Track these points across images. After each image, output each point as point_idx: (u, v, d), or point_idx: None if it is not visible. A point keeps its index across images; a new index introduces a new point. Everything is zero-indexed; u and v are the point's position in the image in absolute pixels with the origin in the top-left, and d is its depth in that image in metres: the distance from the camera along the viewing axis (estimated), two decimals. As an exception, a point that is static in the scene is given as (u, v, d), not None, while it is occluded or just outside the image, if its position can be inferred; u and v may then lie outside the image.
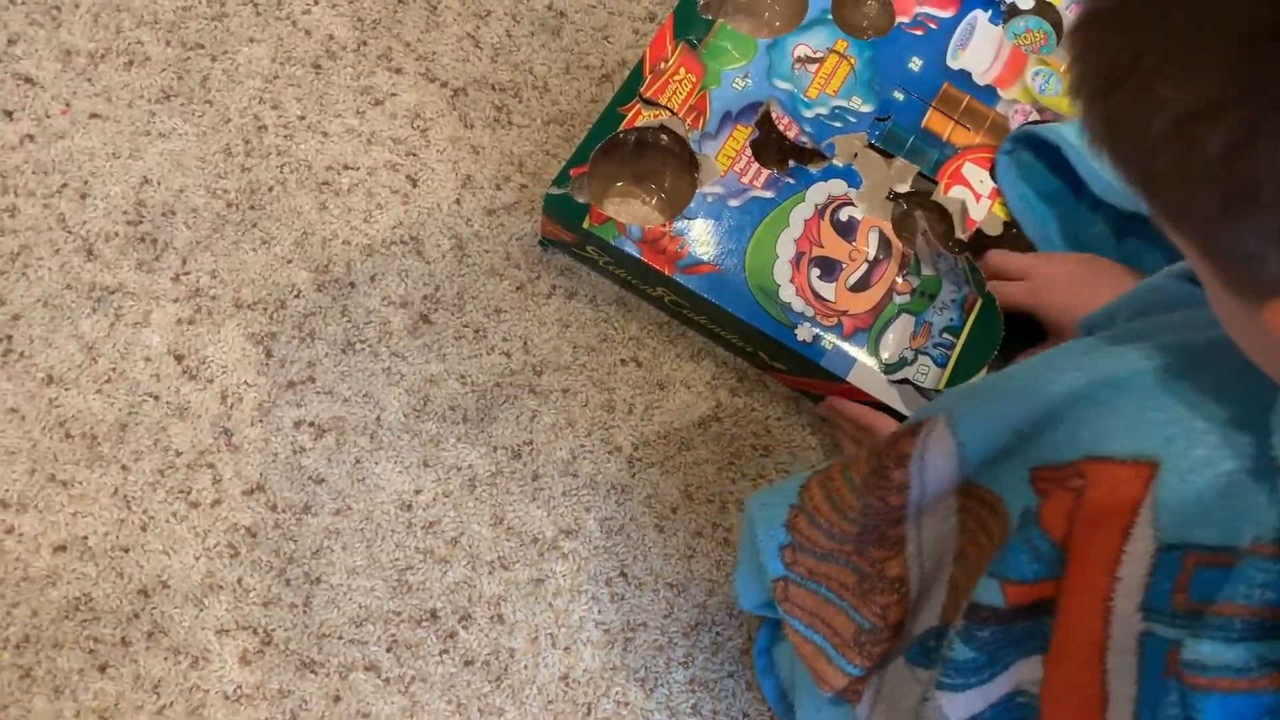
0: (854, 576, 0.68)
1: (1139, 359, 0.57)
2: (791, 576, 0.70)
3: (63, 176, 0.91)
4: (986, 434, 0.61)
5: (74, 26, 0.95)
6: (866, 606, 0.68)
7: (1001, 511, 0.61)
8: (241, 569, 0.83)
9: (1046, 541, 0.56)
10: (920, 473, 0.64)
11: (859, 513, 0.67)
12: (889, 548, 0.67)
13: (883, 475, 0.65)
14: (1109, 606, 0.54)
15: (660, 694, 0.83)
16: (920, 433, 0.64)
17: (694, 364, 0.91)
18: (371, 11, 0.99)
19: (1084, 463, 0.56)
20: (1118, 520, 0.53)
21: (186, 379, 0.87)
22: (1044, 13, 0.96)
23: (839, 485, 0.68)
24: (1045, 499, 0.57)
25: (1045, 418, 0.59)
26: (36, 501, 0.83)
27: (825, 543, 0.69)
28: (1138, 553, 0.53)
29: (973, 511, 0.64)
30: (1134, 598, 0.53)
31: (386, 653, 0.82)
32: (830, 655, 0.69)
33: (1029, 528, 0.57)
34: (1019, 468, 0.60)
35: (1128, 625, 0.53)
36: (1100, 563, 0.54)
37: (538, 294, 0.92)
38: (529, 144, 0.96)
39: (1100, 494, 0.55)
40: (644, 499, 0.88)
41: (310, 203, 0.92)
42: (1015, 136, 0.89)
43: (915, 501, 0.65)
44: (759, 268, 0.87)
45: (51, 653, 0.80)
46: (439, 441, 0.87)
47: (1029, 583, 0.57)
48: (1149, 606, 0.52)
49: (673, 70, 0.91)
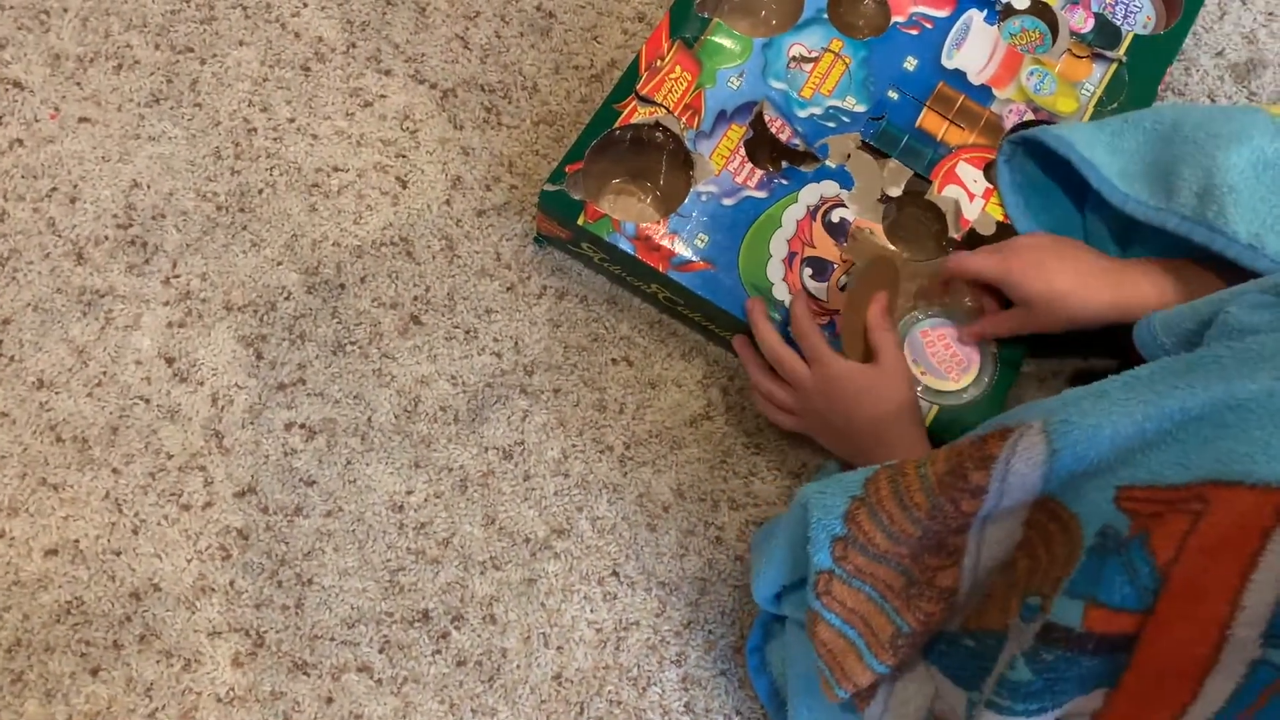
0: (902, 580, 0.66)
1: (1268, 379, 0.55)
2: (838, 572, 0.68)
3: (52, 180, 0.91)
4: (1085, 446, 0.59)
5: (62, 31, 0.95)
6: (910, 611, 0.66)
7: (1074, 529, 0.59)
8: (233, 571, 0.83)
9: (1148, 565, 0.55)
10: (1002, 478, 0.62)
11: (926, 513, 0.65)
12: (945, 556, 0.65)
13: (961, 476, 0.63)
14: (1226, 634, 0.53)
15: (653, 693, 0.83)
16: (1011, 436, 0.62)
17: (685, 363, 0.91)
18: (360, 13, 0.99)
19: (1206, 486, 0.54)
20: (1244, 547, 0.52)
21: (177, 382, 0.87)
22: (1040, 13, 0.96)
23: (910, 480, 0.66)
24: (1150, 523, 0.55)
25: (1153, 435, 0.57)
26: (27, 505, 0.83)
27: (883, 542, 0.67)
28: (1267, 581, 0.52)
29: (1040, 525, 0.62)
30: (1258, 626, 0.52)
31: (379, 654, 0.82)
32: (862, 652, 0.68)
33: (1132, 550, 0.56)
34: (1105, 486, 0.58)
35: (1242, 651, 0.52)
36: (1219, 590, 0.53)
37: (528, 294, 0.92)
38: (518, 145, 0.96)
39: (1224, 519, 0.53)
40: (636, 498, 0.88)
41: (300, 205, 0.92)
42: (1015, 140, 0.88)
43: (988, 509, 0.63)
44: (752, 266, 0.87)
45: (43, 657, 0.80)
46: (430, 442, 0.87)
47: (1114, 609, 0.56)
48: (1275, 634, 0.51)
49: (668, 68, 0.91)
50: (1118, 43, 0.95)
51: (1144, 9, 0.98)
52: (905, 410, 0.79)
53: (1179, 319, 0.70)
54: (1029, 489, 0.62)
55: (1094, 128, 0.84)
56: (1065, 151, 0.83)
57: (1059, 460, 0.60)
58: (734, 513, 0.88)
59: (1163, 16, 0.98)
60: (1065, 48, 0.95)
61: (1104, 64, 0.95)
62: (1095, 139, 0.83)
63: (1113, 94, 0.94)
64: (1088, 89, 0.94)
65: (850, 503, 0.68)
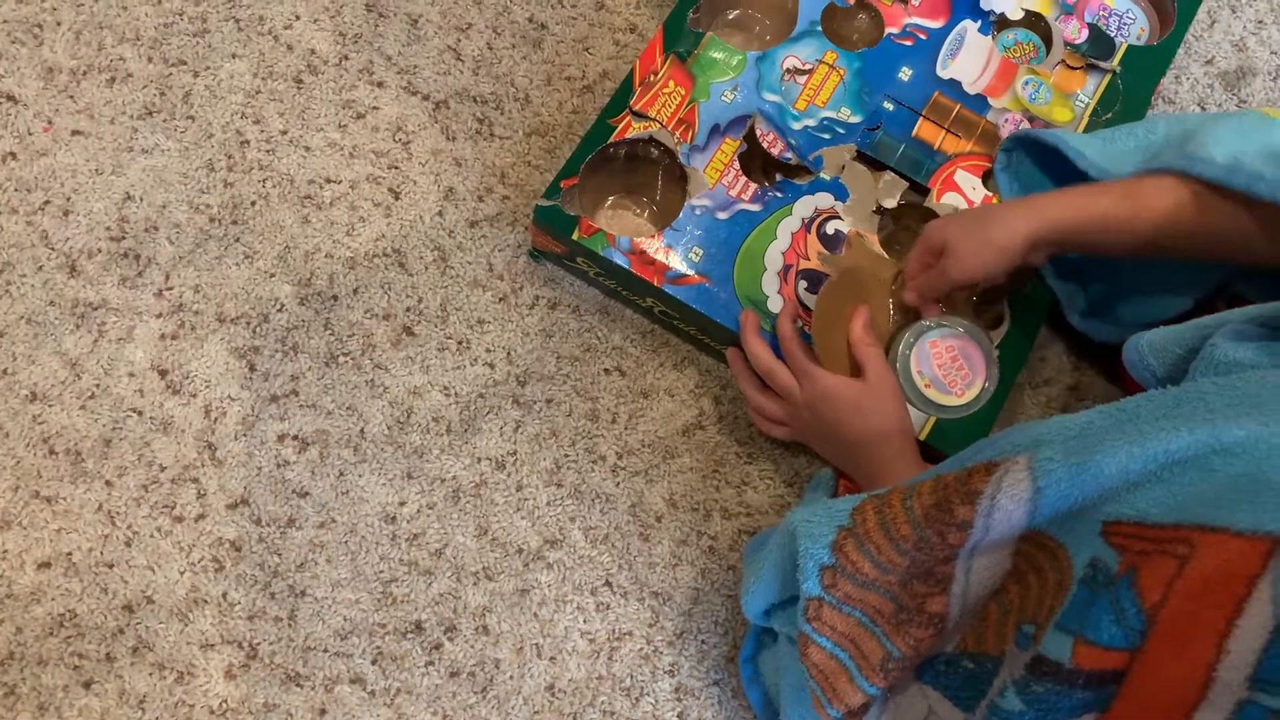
0: (892, 606, 0.67)
1: (1254, 423, 0.55)
2: (828, 599, 0.68)
3: (45, 194, 0.91)
4: (1070, 485, 0.60)
5: (56, 44, 0.96)
6: (900, 636, 0.66)
7: (1063, 559, 0.60)
8: (226, 583, 0.83)
9: (1135, 606, 0.55)
10: (987, 514, 0.62)
11: (913, 545, 0.65)
12: (934, 584, 0.66)
13: (947, 510, 0.63)
14: (1212, 676, 0.53)
15: (646, 703, 0.83)
16: (996, 472, 0.62)
17: (678, 372, 0.92)
18: (353, 26, 0.99)
19: (1193, 530, 0.55)
20: (1230, 593, 0.53)
21: (170, 394, 0.87)
22: (1033, 25, 0.97)
23: (896, 513, 0.66)
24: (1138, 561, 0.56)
25: (1138, 475, 0.58)
26: (20, 518, 0.83)
27: (871, 571, 0.67)
28: (1253, 628, 0.52)
29: (1029, 555, 0.62)
30: (1243, 670, 0.52)
31: (372, 665, 0.82)
32: (853, 674, 0.68)
33: (1120, 589, 0.56)
34: (1092, 520, 0.59)
35: (1229, 692, 0.53)
36: (1205, 635, 0.53)
37: (520, 305, 0.92)
38: (511, 156, 0.96)
39: (1210, 565, 0.54)
40: (628, 508, 0.88)
41: (293, 217, 0.93)
42: (1015, 138, 0.88)
43: (974, 543, 0.64)
44: (747, 279, 0.87)
45: (36, 670, 0.80)
46: (423, 453, 0.87)
47: (1103, 647, 0.56)
48: (1260, 678, 0.52)
49: (662, 83, 0.91)
50: (1112, 53, 0.96)
51: (1137, 20, 0.98)
52: (894, 425, 0.79)
53: (1166, 343, 0.70)
54: (1014, 525, 0.62)
55: (1089, 135, 0.85)
56: (1056, 143, 0.83)
57: (1043, 498, 0.61)
58: (727, 522, 0.88)
59: (1156, 27, 0.99)
60: (1060, 58, 0.95)
61: (1098, 74, 0.95)
62: (1089, 141, 0.83)
63: (1107, 104, 0.94)
64: (1082, 99, 0.94)
65: (837, 533, 0.68)
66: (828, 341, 0.83)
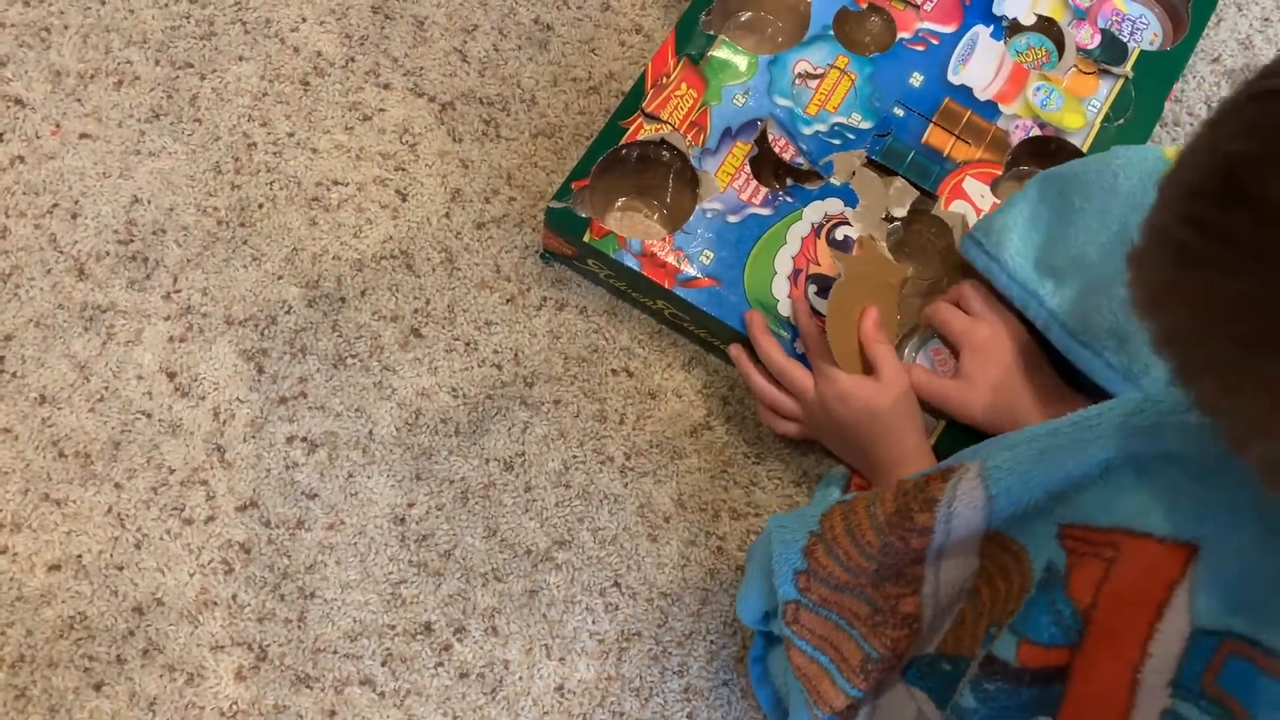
0: (867, 608, 0.68)
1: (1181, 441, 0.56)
2: (804, 602, 0.70)
3: (53, 197, 0.92)
4: (1020, 490, 0.61)
5: (63, 48, 0.96)
6: (877, 637, 0.67)
7: (1025, 560, 0.61)
8: (236, 585, 0.83)
9: (1070, 608, 0.56)
10: (946, 520, 0.63)
11: (878, 550, 0.66)
12: (905, 585, 0.67)
13: (907, 516, 0.64)
14: (1137, 679, 0.54)
15: (655, 703, 0.83)
16: (951, 479, 0.63)
17: (685, 373, 0.92)
18: (359, 28, 0.99)
19: (1119, 534, 0.56)
20: (1151, 597, 0.53)
21: (179, 396, 0.87)
22: (1045, 30, 0.97)
23: (861, 519, 0.67)
24: (1074, 563, 0.57)
25: (1081, 479, 0.59)
26: (30, 521, 0.83)
27: (842, 575, 0.68)
28: (1171, 633, 0.53)
29: (994, 557, 0.63)
30: (1164, 674, 0.53)
31: (381, 666, 0.82)
32: (834, 677, 0.69)
33: (1055, 591, 0.57)
34: (1048, 523, 0.59)
35: (1154, 698, 0.53)
36: (1130, 637, 0.54)
37: (528, 306, 0.92)
38: (517, 157, 0.96)
39: (1133, 570, 0.55)
40: (637, 509, 0.88)
41: (300, 219, 0.93)
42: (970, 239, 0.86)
43: (937, 546, 0.65)
44: (758, 283, 0.87)
45: (47, 672, 0.80)
46: (431, 454, 0.87)
47: (1044, 646, 0.57)
48: (1178, 684, 0.52)
49: (674, 85, 0.91)
50: (1124, 58, 0.96)
51: (1150, 25, 0.98)
52: (909, 424, 0.80)
53: None
54: (974, 527, 0.63)
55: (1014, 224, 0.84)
56: (987, 269, 0.84)
57: (997, 504, 0.62)
58: (735, 522, 0.88)
59: (1169, 32, 0.99)
60: (1072, 64, 0.95)
61: (1110, 80, 0.95)
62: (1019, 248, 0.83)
63: (1119, 109, 0.94)
64: (1094, 105, 0.94)
65: (809, 538, 0.70)
66: (839, 341, 0.83)
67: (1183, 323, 0.43)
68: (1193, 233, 0.41)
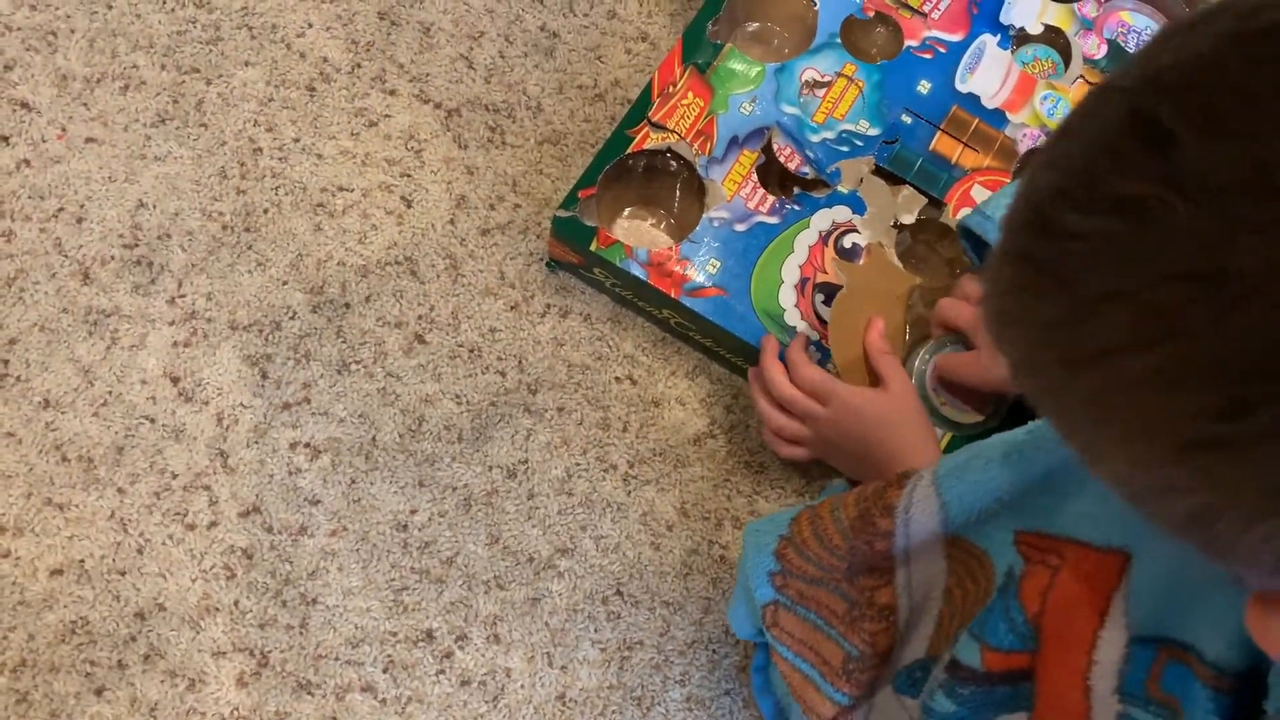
0: (844, 604, 0.68)
1: None
2: (782, 600, 0.71)
3: (59, 201, 0.92)
4: (970, 498, 0.62)
5: (70, 52, 0.96)
6: (855, 633, 0.68)
7: (988, 564, 0.61)
8: (238, 591, 0.83)
9: (1022, 615, 0.57)
10: (905, 525, 0.64)
11: (845, 551, 0.67)
12: (879, 576, 0.68)
13: (868, 521, 0.66)
14: (1088, 685, 0.55)
15: (657, 712, 0.83)
16: (907, 486, 0.65)
17: (689, 381, 0.92)
18: (365, 34, 0.99)
19: (1063, 542, 0.57)
20: (1093, 605, 0.55)
21: (182, 401, 0.87)
22: (1052, 40, 0.97)
23: (826, 524, 0.68)
24: (1028, 570, 0.58)
25: (1031, 486, 0.60)
26: (33, 525, 0.83)
27: (814, 572, 0.69)
28: (1112, 640, 0.54)
29: (961, 560, 0.64)
30: (1110, 681, 0.54)
31: (383, 673, 0.82)
32: (819, 684, 0.70)
33: (1009, 598, 0.58)
34: (1004, 528, 0.61)
35: (1106, 705, 0.55)
36: (1077, 644, 0.55)
37: (532, 313, 0.92)
38: (523, 164, 0.97)
39: (1075, 577, 0.56)
40: (639, 517, 0.88)
41: (305, 224, 0.93)
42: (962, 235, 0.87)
43: (900, 548, 0.66)
44: (764, 292, 0.87)
45: (48, 676, 0.80)
46: (434, 461, 0.87)
47: (1004, 651, 0.58)
48: (1125, 691, 0.54)
49: (681, 94, 0.91)
50: None
51: (1156, 37, 0.98)
52: (920, 434, 0.80)
53: None
54: (931, 532, 0.64)
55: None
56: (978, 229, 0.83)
57: (949, 510, 0.63)
58: (738, 531, 0.88)
59: None
60: (1078, 74, 0.95)
61: None
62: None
63: None
64: None
65: (779, 541, 0.71)
66: (844, 352, 0.83)
67: (1019, 352, 0.43)
68: (1013, 263, 0.42)
